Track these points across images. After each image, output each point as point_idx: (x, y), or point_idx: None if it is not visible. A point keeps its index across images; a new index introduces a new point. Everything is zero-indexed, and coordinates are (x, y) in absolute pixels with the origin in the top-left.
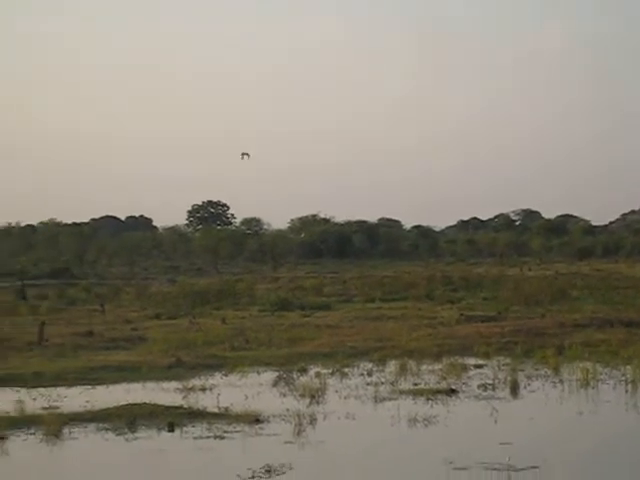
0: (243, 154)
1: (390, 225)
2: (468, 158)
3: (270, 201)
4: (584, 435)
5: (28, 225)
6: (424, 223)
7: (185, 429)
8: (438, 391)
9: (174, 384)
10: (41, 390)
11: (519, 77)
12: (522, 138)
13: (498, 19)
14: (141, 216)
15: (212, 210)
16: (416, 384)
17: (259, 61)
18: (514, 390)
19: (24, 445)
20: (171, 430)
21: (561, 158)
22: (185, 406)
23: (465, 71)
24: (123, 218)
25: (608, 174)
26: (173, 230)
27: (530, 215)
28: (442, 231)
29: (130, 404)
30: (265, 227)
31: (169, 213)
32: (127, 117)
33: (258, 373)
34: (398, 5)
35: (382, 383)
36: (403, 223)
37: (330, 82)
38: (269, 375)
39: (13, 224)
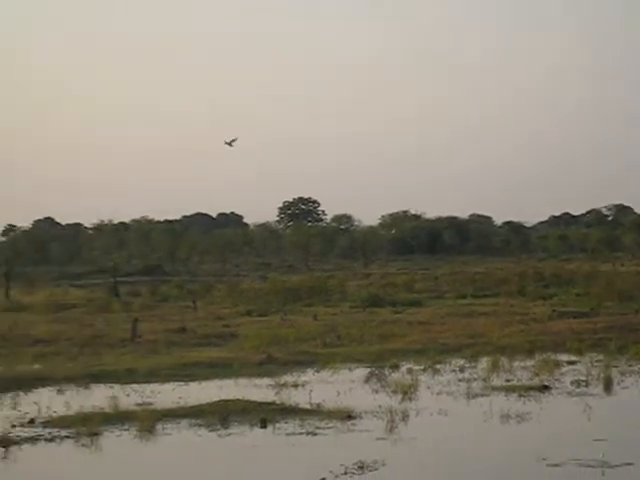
0: (229, 142)
1: (481, 221)
2: (559, 154)
3: (361, 197)
4: None
5: (121, 223)
6: (515, 219)
7: (277, 425)
8: (531, 387)
9: (266, 380)
10: (134, 386)
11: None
12: (615, 134)
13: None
14: (232, 213)
15: (303, 207)
16: (508, 380)
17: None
18: (607, 386)
19: (118, 441)
20: (264, 426)
21: None
22: (277, 402)
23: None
24: (214, 215)
25: None
26: (264, 227)
27: (622, 210)
28: (533, 227)
29: (223, 400)
30: (356, 223)
31: (260, 210)
32: (214, 119)
33: (350, 369)
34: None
35: (474, 379)
36: (494, 219)
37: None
38: (361, 371)
39: (106, 222)
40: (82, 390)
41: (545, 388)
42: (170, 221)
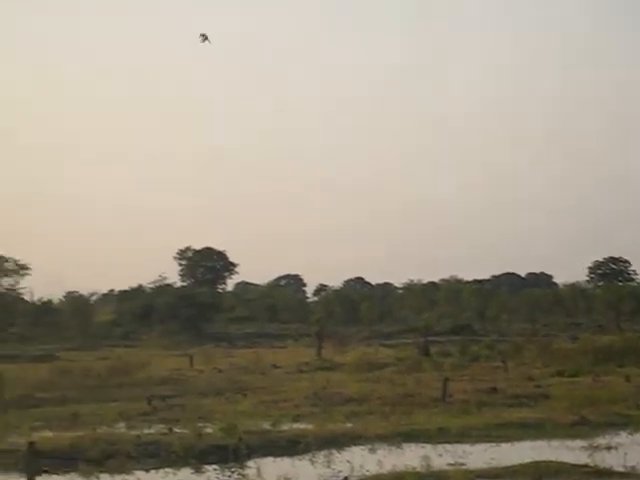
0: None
1: None
2: None
3: None
4: None
5: (430, 282)
6: None
7: None
8: None
9: (578, 442)
10: (446, 446)
11: None
12: None
13: None
14: (541, 273)
15: (614, 266)
16: None
17: None
18: None
19: None
20: None
21: None
22: (591, 465)
23: None
24: (523, 274)
25: None
26: (573, 286)
27: None
28: None
29: (535, 461)
30: None
31: (569, 269)
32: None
33: None
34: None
35: None
36: None
37: None
38: None
39: (415, 281)
40: (394, 449)
41: None
42: (479, 281)
